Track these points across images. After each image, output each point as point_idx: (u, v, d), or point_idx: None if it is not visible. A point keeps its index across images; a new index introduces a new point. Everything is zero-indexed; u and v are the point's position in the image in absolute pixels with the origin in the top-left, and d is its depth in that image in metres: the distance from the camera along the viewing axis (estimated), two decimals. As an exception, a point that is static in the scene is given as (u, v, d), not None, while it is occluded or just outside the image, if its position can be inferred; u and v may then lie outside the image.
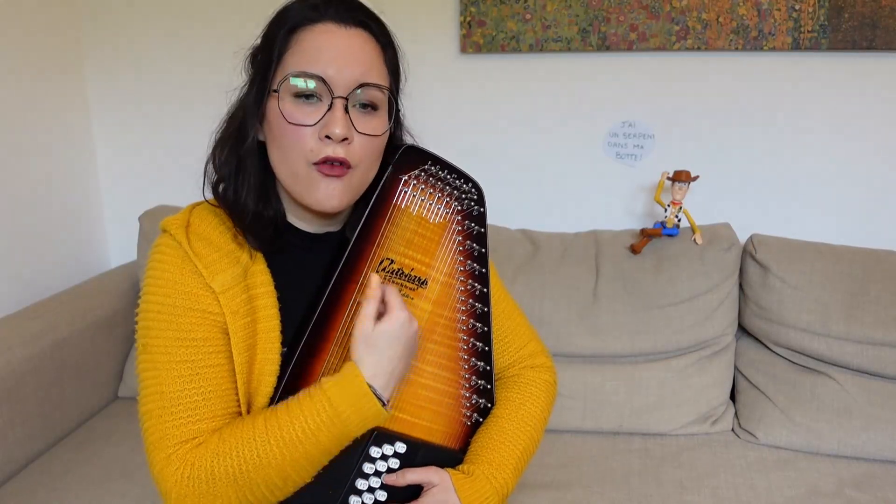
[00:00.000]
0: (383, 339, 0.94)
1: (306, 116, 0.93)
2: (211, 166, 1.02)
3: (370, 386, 0.92)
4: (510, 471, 1.06)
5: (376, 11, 1.00)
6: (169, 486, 0.89)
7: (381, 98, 0.97)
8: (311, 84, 0.92)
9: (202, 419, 0.92)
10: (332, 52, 0.93)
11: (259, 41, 1.00)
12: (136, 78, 2.23)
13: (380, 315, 0.96)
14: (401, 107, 1.04)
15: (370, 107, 0.96)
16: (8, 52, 1.94)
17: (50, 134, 2.12)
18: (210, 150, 1.02)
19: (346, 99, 0.93)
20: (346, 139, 0.93)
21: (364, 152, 0.96)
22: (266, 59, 0.96)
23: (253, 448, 0.89)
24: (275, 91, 0.94)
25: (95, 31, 2.21)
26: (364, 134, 0.95)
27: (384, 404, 0.93)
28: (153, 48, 2.20)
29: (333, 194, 0.95)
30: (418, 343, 1.01)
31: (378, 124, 0.97)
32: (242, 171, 0.99)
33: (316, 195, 0.95)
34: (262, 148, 1.00)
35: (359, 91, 0.94)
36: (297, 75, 0.92)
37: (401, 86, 1.05)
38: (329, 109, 0.93)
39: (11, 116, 1.97)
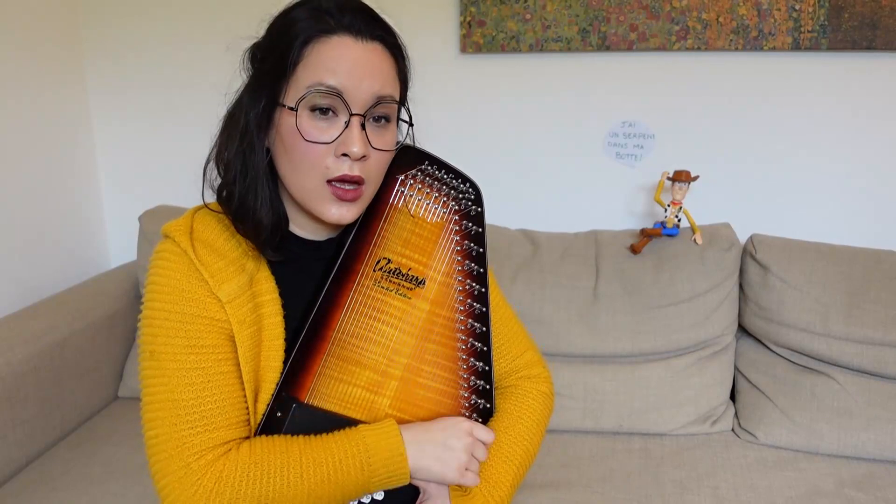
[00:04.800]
0: (450, 448, 0.98)
1: (322, 133, 0.92)
2: (213, 169, 1.01)
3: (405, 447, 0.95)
4: (507, 487, 1.06)
5: (378, 10, 0.99)
6: (186, 495, 0.87)
7: (393, 110, 0.98)
8: (328, 101, 0.91)
9: (218, 427, 0.91)
10: (349, 67, 0.91)
11: (263, 41, 0.98)
12: (136, 78, 2.23)
13: None
14: (409, 116, 1.03)
15: (383, 119, 0.96)
16: (8, 53, 1.95)
17: (50, 134, 2.12)
18: (213, 153, 1.00)
19: (363, 115, 0.93)
20: (363, 156, 0.93)
21: (377, 167, 0.97)
22: (276, 69, 0.93)
23: (285, 478, 0.89)
24: (291, 108, 0.92)
25: (96, 30, 2.21)
26: (379, 150, 0.95)
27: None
28: (154, 48, 2.20)
29: (346, 215, 0.96)
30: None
31: (391, 137, 0.98)
32: (253, 181, 0.97)
33: (330, 212, 0.95)
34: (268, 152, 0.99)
35: (375, 106, 0.93)
36: (315, 93, 0.90)
37: (408, 93, 1.04)
38: (346, 127, 0.92)
39: (11, 116, 1.97)
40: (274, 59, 0.94)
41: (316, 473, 0.90)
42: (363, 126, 0.93)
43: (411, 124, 1.03)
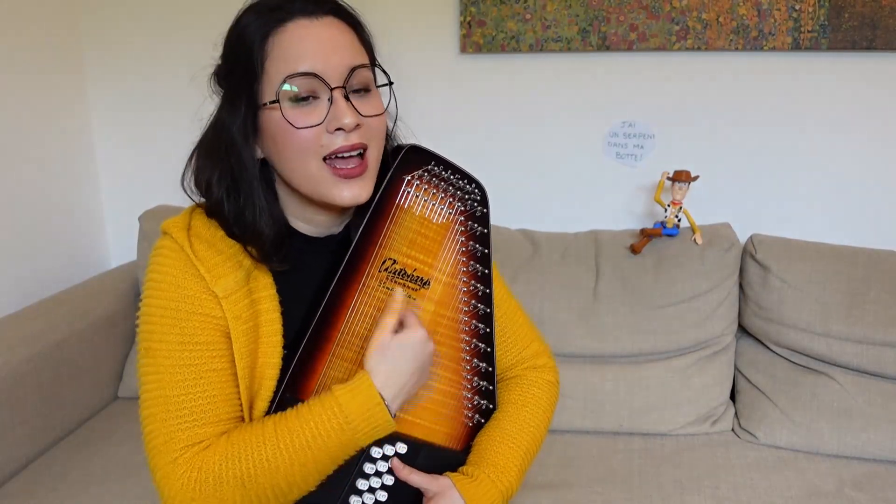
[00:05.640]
0: (399, 351, 0.95)
1: (309, 116, 0.92)
2: (193, 187, 1.01)
3: (380, 395, 0.92)
4: (514, 473, 1.06)
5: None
6: (174, 490, 0.89)
7: (370, 77, 0.97)
8: (306, 85, 0.91)
9: (207, 423, 0.92)
10: (313, 46, 0.91)
11: (223, 57, 0.98)
12: (136, 77, 2.23)
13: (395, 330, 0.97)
14: (387, 76, 1.02)
15: (363, 90, 0.96)
16: (8, 52, 1.94)
17: (50, 134, 2.12)
18: (188, 176, 1.00)
19: (344, 88, 0.93)
20: (357, 125, 0.93)
21: (374, 132, 0.97)
22: (246, 74, 0.94)
23: (262, 452, 0.89)
24: (273, 102, 0.92)
25: (95, 30, 2.21)
26: (370, 116, 0.95)
27: (391, 415, 0.93)
28: (153, 48, 2.19)
29: (360, 193, 0.96)
30: (431, 362, 1.01)
31: (376, 102, 0.98)
32: (248, 196, 0.97)
33: (342, 195, 0.95)
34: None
35: (351, 76, 0.93)
36: (292, 79, 0.91)
37: (377, 60, 1.03)
38: (331, 103, 0.92)
39: (11, 116, 1.97)
40: (240, 66, 0.94)
41: (293, 441, 0.89)
42: (347, 98, 0.93)
43: (391, 83, 1.02)
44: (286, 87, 0.91)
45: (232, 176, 0.97)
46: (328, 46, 0.92)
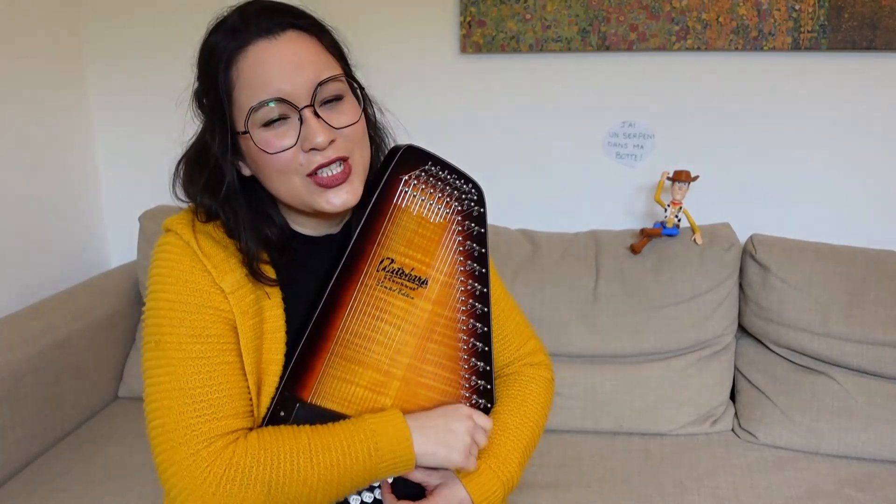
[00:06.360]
0: (453, 431, 0.99)
1: (282, 139, 0.93)
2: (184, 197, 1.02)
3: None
4: (515, 464, 1.07)
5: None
6: (194, 483, 0.87)
7: (341, 86, 0.97)
8: (273, 106, 0.91)
9: (226, 416, 0.91)
10: (276, 70, 0.91)
11: (198, 84, 0.99)
12: (136, 78, 2.23)
13: None
14: (363, 84, 1.02)
15: (335, 99, 0.96)
16: (8, 53, 1.94)
17: (50, 134, 2.12)
18: (180, 185, 1.02)
19: (312, 105, 0.93)
20: (331, 141, 0.93)
21: (352, 141, 0.97)
22: (215, 102, 0.95)
23: (295, 463, 0.89)
24: (244, 132, 0.93)
25: (96, 31, 2.21)
26: (344, 128, 0.95)
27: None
28: (154, 48, 2.19)
29: (348, 198, 0.96)
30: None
31: (351, 110, 0.97)
32: (232, 213, 0.98)
33: (329, 203, 0.96)
34: (244, 178, 1.01)
35: (318, 92, 0.93)
36: (257, 108, 0.91)
37: (350, 61, 1.03)
38: (302, 123, 0.92)
39: (12, 117, 1.97)
40: (212, 93, 0.96)
41: (325, 458, 0.90)
42: (317, 114, 0.93)
43: (362, 88, 1.02)
44: (254, 116, 0.92)
45: (216, 192, 0.98)
46: (291, 66, 0.92)
